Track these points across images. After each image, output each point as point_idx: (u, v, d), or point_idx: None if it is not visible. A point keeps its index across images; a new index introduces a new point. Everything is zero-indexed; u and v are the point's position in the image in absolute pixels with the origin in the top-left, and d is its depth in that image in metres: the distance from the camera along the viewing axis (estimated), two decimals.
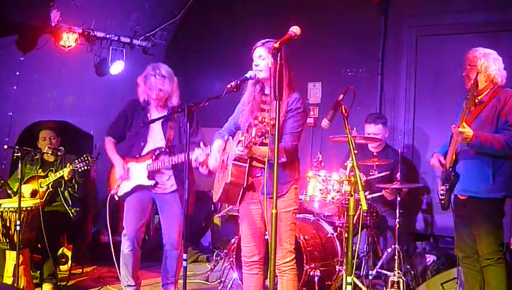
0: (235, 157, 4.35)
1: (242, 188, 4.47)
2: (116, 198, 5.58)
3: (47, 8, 6.46)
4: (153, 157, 5.45)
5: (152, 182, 5.46)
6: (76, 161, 5.90)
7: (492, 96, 4.74)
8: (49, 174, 6.12)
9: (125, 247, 5.55)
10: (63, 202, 6.21)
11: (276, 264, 4.27)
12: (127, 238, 5.53)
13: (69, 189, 6.20)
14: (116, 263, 5.57)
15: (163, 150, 5.46)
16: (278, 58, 3.74)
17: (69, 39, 7.04)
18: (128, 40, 8.02)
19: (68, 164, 5.97)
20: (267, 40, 4.37)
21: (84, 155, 5.89)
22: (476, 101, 4.74)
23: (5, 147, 5.88)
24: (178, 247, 5.49)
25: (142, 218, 5.56)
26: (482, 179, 4.71)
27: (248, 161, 4.37)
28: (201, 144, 5.15)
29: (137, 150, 5.55)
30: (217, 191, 4.64)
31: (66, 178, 6.01)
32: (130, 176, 5.52)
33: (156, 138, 5.53)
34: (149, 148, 5.52)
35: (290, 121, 4.36)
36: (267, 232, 4.63)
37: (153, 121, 5.43)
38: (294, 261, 4.51)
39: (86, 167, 5.89)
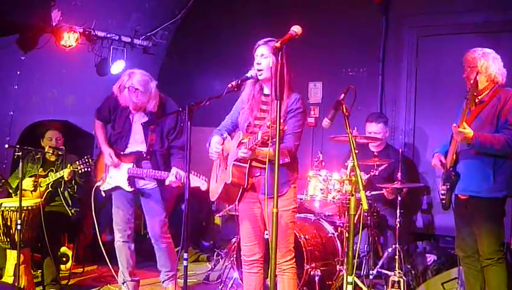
0: (236, 158, 4.36)
1: (241, 188, 4.48)
2: (103, 194, 5.66)
3: (48, 8, 6.45)
4: (134, 162, 5.50)
5: (131, 189, 5.55)
6: (77, 162, 5.90)
7: (492, 96, 4.74)
8: (49, 174, 6.12)
9: (117, 239, 5.66)
10: (63, 202, 6.21)
11: (276, 263, 4.29)
12: (118, 231, 5.64)
13: (69, 189, 6.21)
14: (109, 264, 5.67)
15: (142, 155, 5.50)
16: (279, 58, 3.74)
17: (69, 39, 7.03)
18: (129, 40, 8.02)
19: (69, 165, 5.98)
20: (269, 38, 4.38)
21: (85, 157, 5.89)
22: (477, 100, 4.74)
23: (6, 146, 5.88)
24: (161, 240, 5.58)
25: (129, 211, 5.65)
26: (483, 178, 4.71)
27: (248, 161, 4.38)
28: (175, 170, 5.26)
29: (119, 147, 5.62)
30: (215, 190, 4.65)
31: (66, 179, 6.02)
32: (112, 172, 5.59)
33: (137, 139, 5.58)
34: (131, 149, 5.58)
35: (290, 122, 4.37)
36: (266, 232, 4.64)
37: (147, 124, 5.48)
38: (294, 260, 4.52)
39: (86, 169, 5.90)
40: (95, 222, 5.62)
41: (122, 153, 5.60)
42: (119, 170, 5.59)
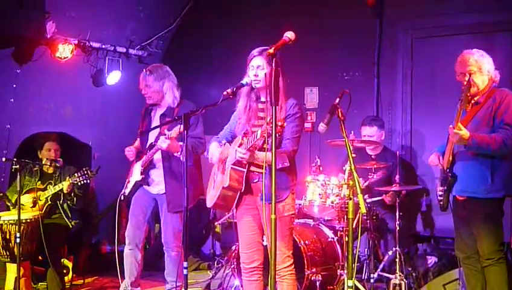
0: (234, 161, 4.35)
1: (238, 193, 4.47)
2: (122, 198, 5.70)
3: (42, 20, 6.46)
4: (147, 153, 5.55)
5: (141, 177, 5.58)
6: (76, 174, 5.90)
7: (488, 97, 4.74)
8: (48, 187, 6.11)
9: (126, 246, 5.67)
10: (63, 214, 6.20)
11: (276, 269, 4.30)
12: (127, 238, 5.65)
13: (68, 202, 6.20)
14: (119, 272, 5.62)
15: (153, 144, 5.52)
16: (274, 64, 3.74)
17: (65, 50, 7.04)
18: (124, 50, 8.03)
19: (68, 177, 5.97)
20: (263, 48, 4.34)
21: (84, 169, 5.89)
22: (472, 101, 4.75)
23: (3, 159, 5.90)
24: (172, 247, 5.58)
25: (142, 219, 5.67)
26: (480, 179, 4.71)
27: (246, 165, 4.38)
28: (166, 131, 5.25)
29: (143, 146, 5.71)
30: (212, 196, 4.64)
31: (66, 191, 6.01)
32: (132, 174, 5.67)
33: (155, 133, 5.61)
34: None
35: (288, 127, 4.35)
36: (264, 237, 4.63)
37: (150, 130, 5.51)
38: (293, 266, 4.51)
39: (85, 181, 5.89)
40: (116, 233, 5.63)
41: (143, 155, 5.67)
42: (136, 169, 5.65)
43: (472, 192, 4.75)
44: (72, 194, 6.13)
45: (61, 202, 6.18)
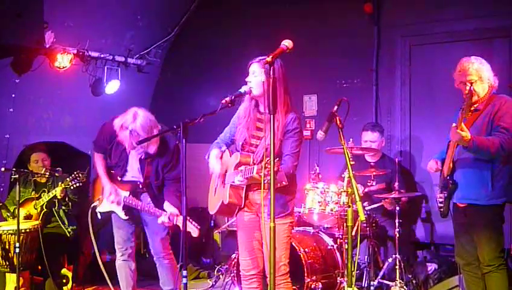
0: (233, 181, 4.37)
1: (239, 207, 4.51)
2: (99, 215, 5.62)
3: (41, 30, 6.46)
4: (130, 192, 5.49)
5: (126, 217, 5.54)
6: (67, 179, 5.88)
7: (487, 104, 4.75)
8: (42, 195, 6.11)
9: (118, 257, 5.65)
10: (59, 222, 6.19)
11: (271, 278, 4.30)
12: (118, 250, 5.63)
13: (63, 207, 6.18)
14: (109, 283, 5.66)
15: (138, 186, 5.49)
16: (271, 72, 3.74)
17: (63, 60, 7.05)
18: (123, 59, 8.04)
19: (60, 183, 5.96)
20: (263, 57, 4.33)
21: (75, 172, 5.87)
22: (472, 108, 4.75)
23: (3, 169, 5.89)
24: (164, 255, 5.57)
25: (129, 230, 5.63)
26: (481, 186, 4.72)
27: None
28: (168, 209, 5.25)
29: (116, 174, 5.59)
30: (213, 204, 4.66)
31: (59, 197, 5.99)
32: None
33: (134, 168, 5.54)
34: (128, 178, 5.55)
35: (288, 142, 4.36)
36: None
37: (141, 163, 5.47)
38: (288, 275, 4.51)
39: (78, 184, 5.88)
40: (94, 241, 5.59)
41: (119, 179, 5.58)
42: (114, 201, 5.56)
43: (473, 199, 4.76)
44: (67, 199, 6.11)
45: (56, 208, 6.17)
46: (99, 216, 5.65)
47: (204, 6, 8.67)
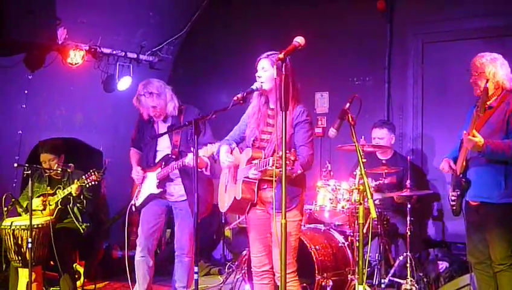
0: (246, 176, 4.37)
1: (251, 203, 4.50)
2: (133, 209, 5.73)
3: (53, 26, 6.49)
4: (162, 166, 5.58)
5: (159, 190, 5.60)
6: (83, 176, 5.90)
7: (501, 101, 4.72)
8: (57, 192, 6.13)
9: (137, 254, 5.68)
10: (73, 219, 6.22)
11: (278, 275, 4.35)
12: (139, 245, 5.68)
13: (78, 205, 6.20)
14: (129, 278, 5.65)
15: (169, 156, 5.57)
16: (283, 69, 3.74)
17: (76, 56, 7.08)
18: (135, 56, 8.07)
19: (76, 180, 5.98)
20: (272, 52, 4.37)
21: (91, 170, 5.89)
22: (486, 106, 4.72)
23: (15, 165, 5.91)
24: (187, 253, 5.59)
25: (154, 226, 5.69)
26: (494, 184, 4.69)
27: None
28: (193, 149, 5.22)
29: (149, 161, 5.74)
30: (224, 201, 4.67)
31: (74, 194, 6.00)
32: (144, 185, 5.69)
33: (164, 146, 5.67)
34: (159, 158, 5.67)
35: (300, 133, 4.38)
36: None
37: (160, 135, 5.57)
38: (296, 273, 4.50)
39: (93, 182, 5.89)
40: (126, 240, 5.67)
41: (151, 164, 5.69)
42: (149, 180, 5.67)
43: (485, 197, 4.74)
44: (82, 197, 6.12)
45: (71, 205, 6.18)
46: (133, 209, 5.73)
47: (216, 3, 8.68)
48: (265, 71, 4.37)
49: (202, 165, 5.36)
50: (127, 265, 5.64)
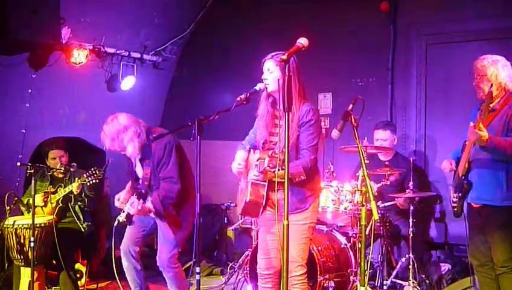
0: (252, 178, 4.37)
1: (262, 206, 4.48)
2: (115, 224, 5.54)
3: (57, 25, 6.50)
4: (137, 196, 5.43)
5: (127, 221, 5.51)
6: (84, 175, 5.91)
7: (504, 104, 4.71)
8: (58, 190, 6.14)
9: (123, 260, 5.63)
10: (74, 218, 6.22)
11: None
12: (122, 251, 5.63)
13: (79, 203, 6.21)
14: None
15: (141, 192, 5.46)
16: (286, 70, 3.74)
17: (79, 56, 7.09)
18: (139, 56, 8.07)
19: (77, 179, 5.99)
20: (277, 52, 4.35)
21: (92, 169, 5.89)
22: (489, 108, 4.72)
23: (18, 164, 5.92)
24: (167, 269, 5.52)
25: (139, 232, 5.62)
26: (496, 187, 4.69)
27: (267, 180, 4.38)
28: (134, 197, 5.26)
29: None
30: (239, 205, 4.66)
31: (75, 193, 6.01)
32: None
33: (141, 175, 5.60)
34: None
35: (303, 135, 4.34)
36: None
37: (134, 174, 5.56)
38: (305, 276, 4.48)
39: (94, 181, 5.89)
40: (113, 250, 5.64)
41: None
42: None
43: (487, 200, 4.73)
44: (83, 195, 6.14)
45: (72, 203, 6.20)
46: (115, 224, 5.56)
47: (220, 4, 8.68)
48: (271, 73, 4.37)
49: (145, 214, 5.35)
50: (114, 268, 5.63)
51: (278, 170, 3.96)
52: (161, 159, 5.37)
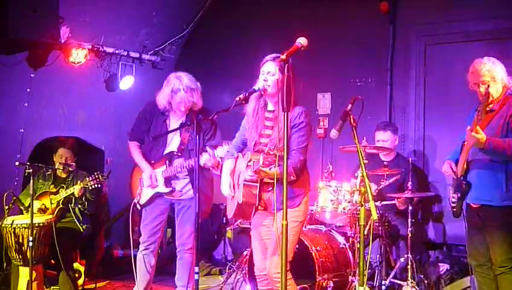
0: (244, 178, 4.37)
1: (255, 206, 4.48)
2: (139, 207, 5.66)
3: (56, 25, 6.49)
4: (167, 163, 5.52)
5: (168, 189, 5.55)
6: (87, 178, 5.90)
7: (502, 104, 4.72)
8: (60, 191, 6.13)
9: (140, 252, 5.65)
10: (74, 218, 6.22)
11: (271, 273, 4.36)
12: (142, 243, 5.64)
13: (80, 206, 6.20)
14: (135, 275, 5.65)
15: (175, 154, 5.53)
16: (286, 70, 3.74)
17: (78, 55, 7.08)
18: (138, 55, 8.06)
19: (79, 182, 5.98)
20: (277, 54, 4.31)
21: (96, 173, 5.89)
22: (487, 109, 4.72)
23: (17, 163, 5.91)
24: (189, 249, 5.55)
25: (158, 225, 5.65)
26: (495, 187, 4.69)
27: (259, 180, 4.39)
28: (208, 149, 5.19)
29: (155, 156, 5.64)
30: (230, 208, 4.65)
31: (77, 195, 6.01)
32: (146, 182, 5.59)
33: (173, 144, 5.61)
34: (167, 151, 5.61)
35: (294, 137, 4.36)
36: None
37: (171, 131, 5.51)
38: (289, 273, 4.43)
39: (97, 185, 5.90)
40: (131, 238, 5.64)
41: (153, 161, 5.62)
42: (157, 178, 5.60)
43: (486, 200, 4.73)
44: (84, 199, 6.13)
45: (72, 205, 6.19)
46: (138, 207, 5.66)
47: (219, 3, 8.68)
48: (273, 76, 4.36)
49: (216, 164, 5.30)
50: (132, 264, 5.64)
51: (272, 167, 3.96)
52: (210, 128, 5.54)
